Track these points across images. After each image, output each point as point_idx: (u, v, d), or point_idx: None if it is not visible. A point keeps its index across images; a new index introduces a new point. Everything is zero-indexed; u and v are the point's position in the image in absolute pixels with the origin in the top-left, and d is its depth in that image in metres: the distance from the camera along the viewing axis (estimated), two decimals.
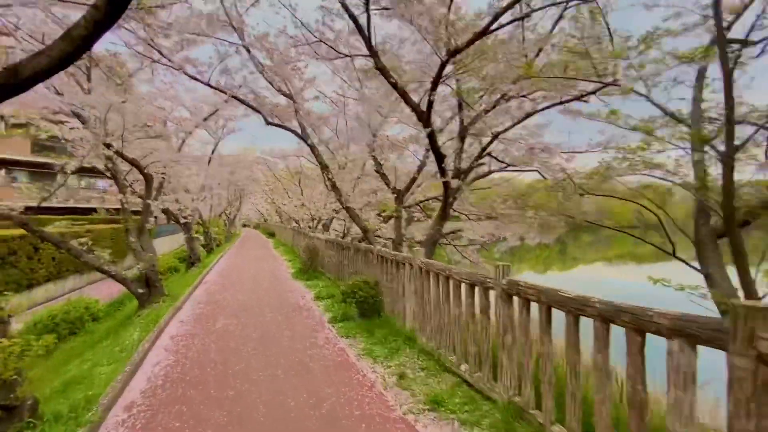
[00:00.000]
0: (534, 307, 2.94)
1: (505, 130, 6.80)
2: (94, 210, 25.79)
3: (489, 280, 3.40)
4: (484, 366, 3.51)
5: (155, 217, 27.76)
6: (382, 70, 5.35)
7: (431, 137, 5.89)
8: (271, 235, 33.10)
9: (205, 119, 9.89)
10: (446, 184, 6.57)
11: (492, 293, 3.41)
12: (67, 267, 16.50)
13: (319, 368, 4.33)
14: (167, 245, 29.74)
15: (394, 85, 5.40)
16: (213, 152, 14.53)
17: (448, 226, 10.03)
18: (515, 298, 3.13)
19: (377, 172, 8.24)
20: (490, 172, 8.45)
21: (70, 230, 17.54)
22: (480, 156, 7.04)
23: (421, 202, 11.49)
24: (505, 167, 8.17)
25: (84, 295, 9.76)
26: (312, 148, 7.62)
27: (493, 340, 3.53)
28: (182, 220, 13.25)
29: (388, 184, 7.97)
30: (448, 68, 5.27)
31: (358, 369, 4.29)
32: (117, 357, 5.08)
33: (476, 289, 3.62)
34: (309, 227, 17.60)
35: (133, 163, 7.48)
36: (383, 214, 12.21)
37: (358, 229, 14.79)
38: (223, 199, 22.76)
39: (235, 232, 38.86)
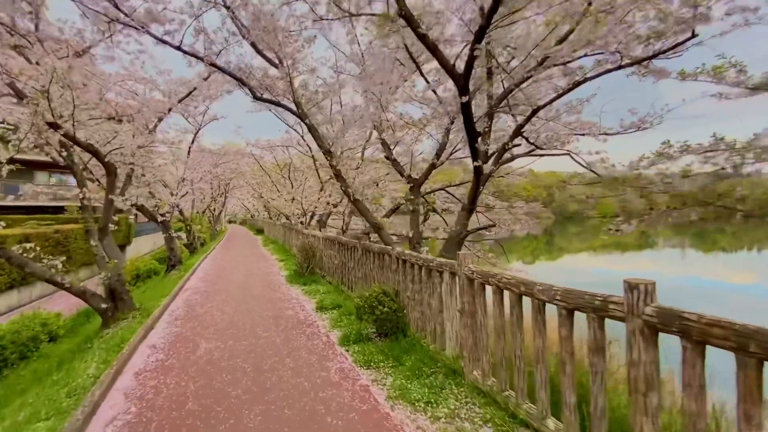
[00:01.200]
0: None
1: (548, 103, 5.59)
2: (64, 209, 23.89)
3: (615, 306, 2.19)
4: (596, 427, 2.32)
5: (135, 215, 25.95)
6: (408, 19, 4.05)
7: (466, 109, 4.64)
8: (260, 231, 31.50)
9: (181, 100, 8.41)
10: (478, 170, 5.35)
11: (621, 327, 2.20)
12: None
13: (340, 424, 3.08)
14: (149, 245, 27.93)
15: (423, 38, 4.11)
16: (193, 142, 12.98)
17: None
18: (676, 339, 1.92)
19: (387, 158, 6.96)
20: (513, 158, 7.27)
21: (36, 231, 15.91)
22: (516, 134, 5.83)
23: (434, 191, 10.30)
24: (531, 151, 7.01)
25: (41, 308, 8.27)
26: (311, 128, 6.28)
27: (611, 392, 2.34)
28: (159, 218, 11.75)
29: (401, 173, 6.69)
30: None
31: (395, 424, 3.06)
32: (60, 405, 3.75)
33: (589, 317, 2.40)
34: (301, 223, 16.23)
35: (89, 149, 6.03)
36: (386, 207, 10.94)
37: (356, 225, 13.48)
38: (207, 194, 21.13)
39: (221, 229, 37.12)
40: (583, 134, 6.65)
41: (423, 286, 4.45)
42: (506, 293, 3.14)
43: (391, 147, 7.00)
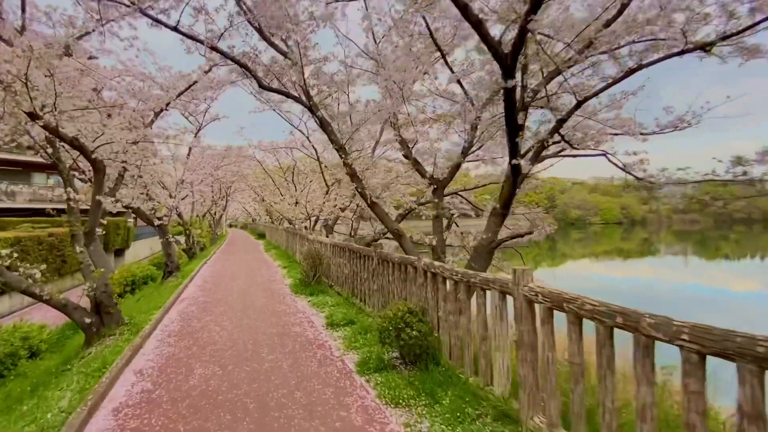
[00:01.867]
0: None
1: (597, 93, 4.90)
2: (63, 211, 23.19)
3: None
4: None
5: (134, 218, 25.25)
6: None
7: (509, 97, 3.95)
8: (261, 236, 30.77)
9: (180, 94, 7.74)
10: (516, 169, 4.66)
11: None
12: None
13: None
14: (148, 249, 27.21)
15: (464, 9, 3.42)
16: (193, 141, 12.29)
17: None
18: None
19: (406, 157, 6.25)
20: (541, 158, 6.57)
21: (29, 234, 15.21)
22: (557, 129, 5.13)
23: (448, 195, 9.59)
24: (560, 151, 6.31)
25: (25, 318, 7.53)
26: (323, 123, 5.58)
27: None
28: (156, 222, 11.04)
29: (422, 173, 5.97)
30: None
31: None
32: None
33: (744, 370, 1.66)
34: (306, 228, 15.51)
35: (74, 144, 5.33)
36: (398, 211, 10.23)
37: (361, 230, 12.74)
38: (207, 198, 20.45)
39: (222, 234, 36.44)
40: (618, 134, 5.97)
41: (461, 307, 3.72)
42: (588, 322, 2.41)
43: (410, 145, 6.29)
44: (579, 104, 5.05)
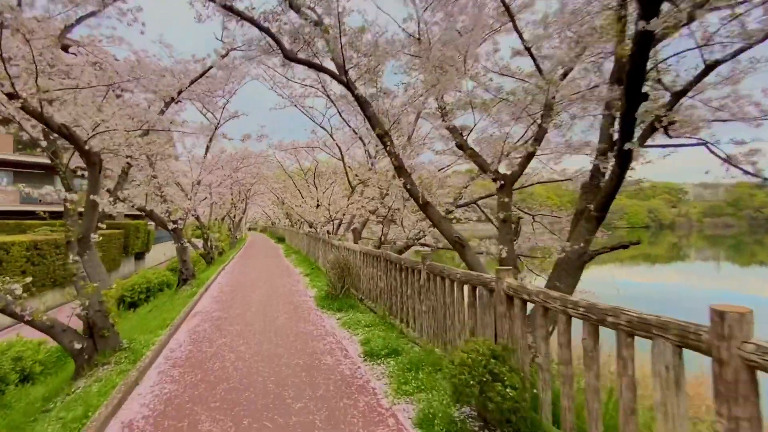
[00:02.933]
0: None
1: (735, 54, 3.62)
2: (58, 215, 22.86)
3: None
4: None
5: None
6: None
7: (643, 47, 2.73)
8: (281, 240, 30.01)
9: (194, 81, 6.78)
10: (626, 157, 3.44)
11: None
12: (42, 281, 13.58)
13: None
14: (169, 252, 26.78)
15: None
16: (211, 140, 11.42)
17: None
18: None
19: (460, 147, 5.04)
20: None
21: (46, 237, 14.70)
22: (674, 104, 3.85)
23: (474, 201, 8.39)
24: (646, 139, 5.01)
25: (20, 334, 6.66)
26: (362, 103, 4.45)
27: None
28: (170, 225, 10.16)
29: (484, 167, 4.75)
30: None
31: None
32: None
33: None
34: (328, 232, 14.47)
35: (62, 131, 4.37)
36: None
37: (383, 234, 11.55)
38: (227, 200, 19.72)
39: (241, 237, 35.97)
40: (726, 120, 4.63)
41: (590, 358, 2.47)
42: None
43: (463, 133, 5.08)
44: (708, 70, 3.78)
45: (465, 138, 5.04)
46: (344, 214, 13.97)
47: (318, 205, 16.10)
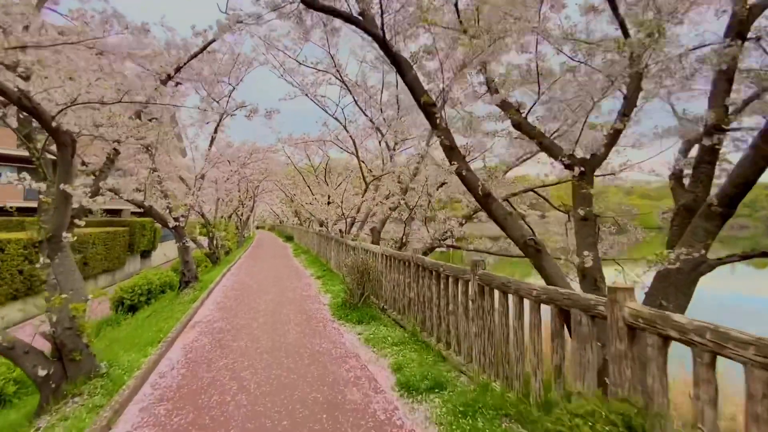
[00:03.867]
0: None
1: None
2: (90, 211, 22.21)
3: None
4: None
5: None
6: None
7: None
8: (289, 239, 29.14)
9: (194, 57, 5.83)
10: None
11: None
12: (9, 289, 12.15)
13: None
14: (176, 250, 26.04)
15: None
16: (216, 130, 10.48)
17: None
18: None
19: (517, 127, 3.99)
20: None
21: (12, 236, 13.78)
22: None
23: (519, 193, 7.32)
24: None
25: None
26: (401, 67, 3.43)
27: None
28: (171, 223, 9.26)
29: (552, 151, 3.70)
30: None
31: None
32: None
33: None
34: (341, 231, 13.50)
35: (22, 103, 3.43)
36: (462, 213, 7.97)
37: (404, 234, 10.50)
38: (234, 197, 18.85)
39: (249, 236, 35.25)
40: None
41: None
42: None
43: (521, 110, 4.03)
44: None
45: (525, 115, 3.99)
46: (358, 212, 12.98)
47: (329, 202, 15.16)
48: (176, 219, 9.44)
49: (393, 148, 10.04)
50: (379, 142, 12.08)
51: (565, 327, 2.74)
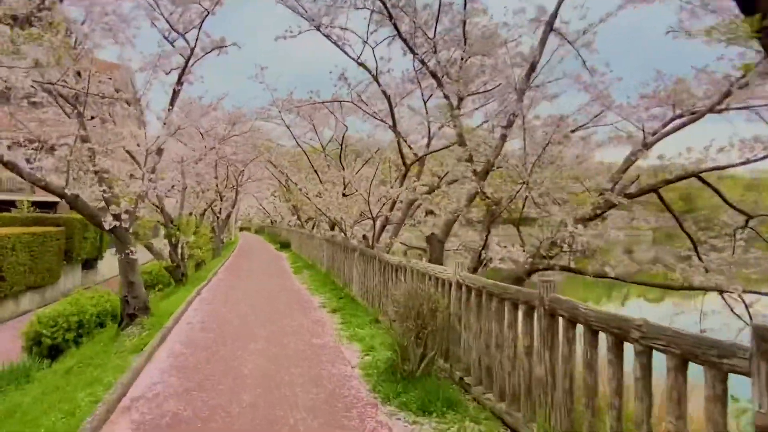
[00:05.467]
0: None
1: None
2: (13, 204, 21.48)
3: None
4: None
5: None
6: None
7: None
8: (284, 246, 27.66)
9: None
10: None
11: None
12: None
13: None
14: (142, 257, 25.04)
15: None
16: (180, 80, 8.87)
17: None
18: None
19: None
20: None
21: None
22: None
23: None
24: None
25: None
26: None
27: None
28: (107, 223, 7.69)
29: None
30: None
31: None
32: None
33: None
34: (364, 237, 11.79)
35: None
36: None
37: (483, 247, 8.61)
38: (209, 185, 17.46)
39: (230, 240, 34.18)
40: None
41: None
42: None
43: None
44: None
45: None
46: (392, 208, 11.21)
47: (345, 194, 13.48)
48: (116, 217, 7.87)
49: (457, 106, 8.25)
50: (425, 102, 10.39)
51: None
